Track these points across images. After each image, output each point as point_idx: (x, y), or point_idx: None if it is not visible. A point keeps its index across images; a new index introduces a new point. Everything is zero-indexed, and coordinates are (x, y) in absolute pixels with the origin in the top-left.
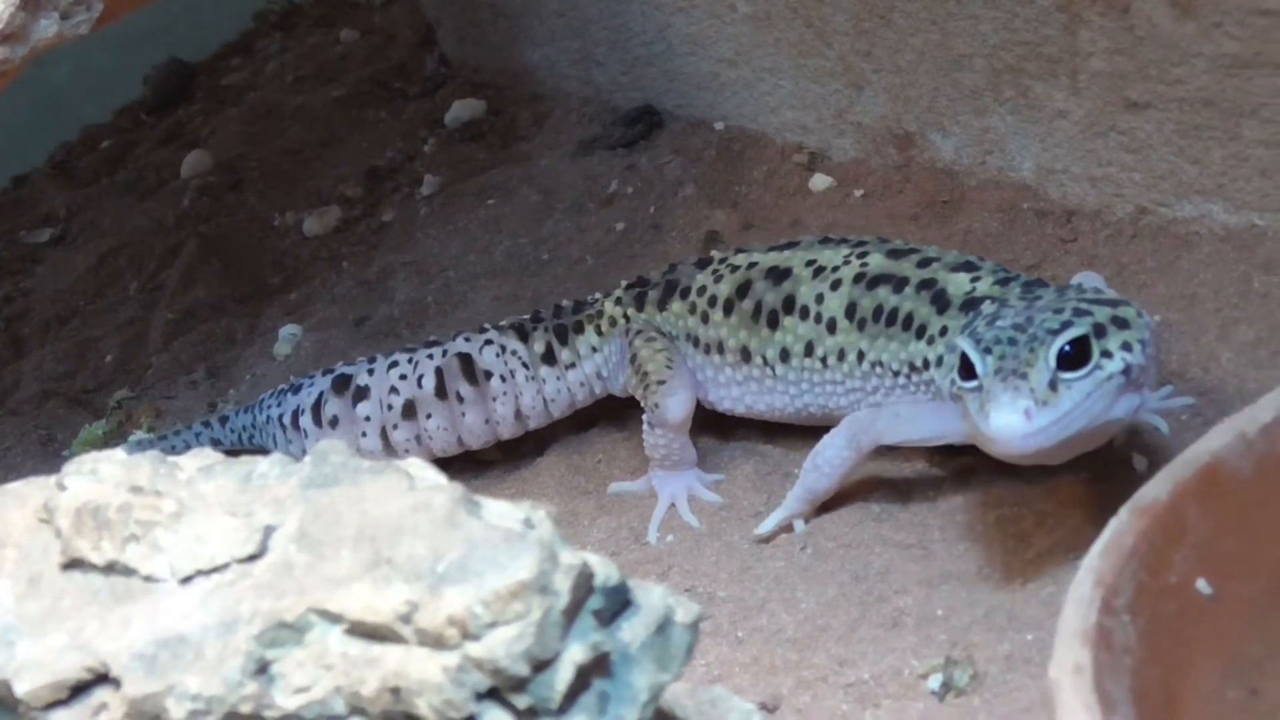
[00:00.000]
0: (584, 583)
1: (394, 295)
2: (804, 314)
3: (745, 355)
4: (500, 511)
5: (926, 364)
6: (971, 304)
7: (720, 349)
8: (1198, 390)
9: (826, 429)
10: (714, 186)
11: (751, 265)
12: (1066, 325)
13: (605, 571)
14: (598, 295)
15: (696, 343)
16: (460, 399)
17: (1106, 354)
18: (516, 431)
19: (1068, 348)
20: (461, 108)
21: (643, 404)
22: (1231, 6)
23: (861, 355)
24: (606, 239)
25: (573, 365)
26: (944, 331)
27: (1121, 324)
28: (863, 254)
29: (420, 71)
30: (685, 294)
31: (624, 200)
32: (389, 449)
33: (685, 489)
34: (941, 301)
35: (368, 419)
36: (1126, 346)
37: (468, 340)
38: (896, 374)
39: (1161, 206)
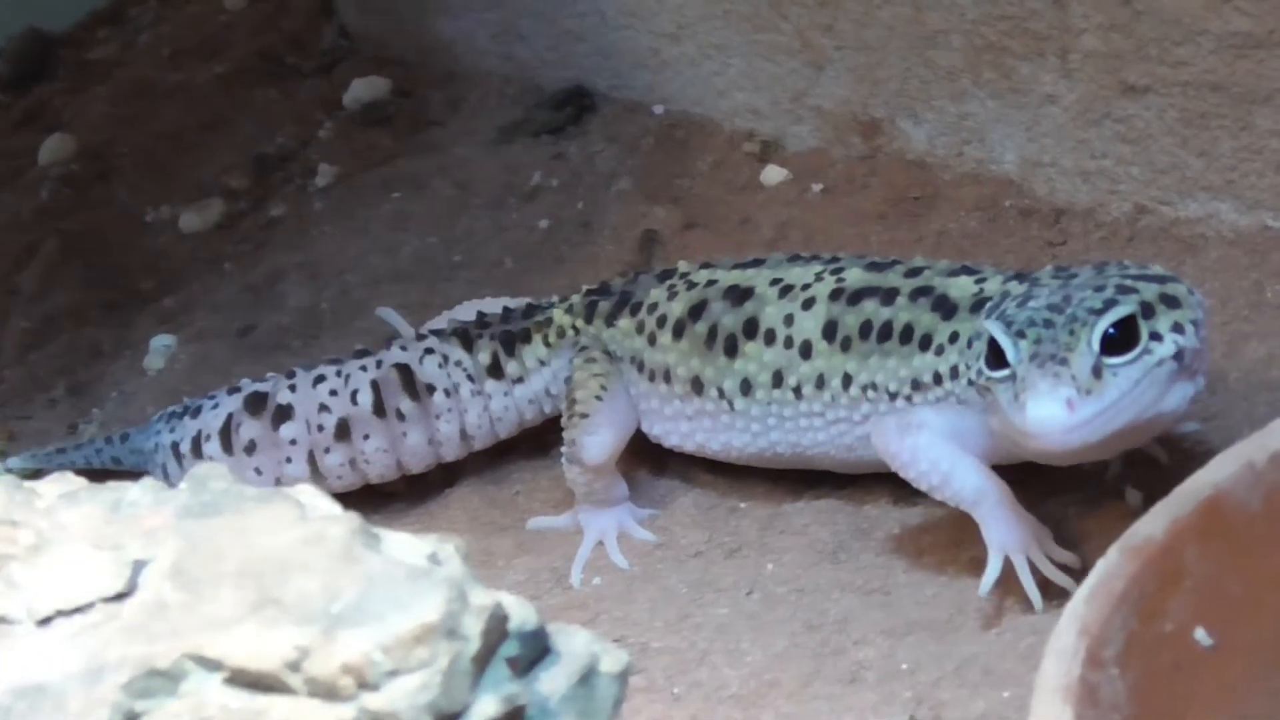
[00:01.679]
0: (497, 626)
1: (284, 302)
2: (770, 338)
3: (697, 386)
4: (403, 545)
5: (938, 378)
6: (982, 304)
7: (668, 377)
8: (1202, 415)
9: (792, 473)
10: (652, 180)
11: (710, 283)
12: (1110, 304)
13: (522, 614)
14: (554, 299)
15: (641, 367)
16: (401, 416)
17: (1156, 336)
18: (461, 453)
19: (1112, 329)
20: (363, 87)
21: (563, 434)
22: None
23: (849, 379)
24: (529, 239)
25: (520, 380)
26: (954, 338)
27: (1172, 302)
28: (838, 269)
29: (317, 45)
30: (636, 310)
31: (549, 195)
32: (318, 476)
33: (615, 526)
34: (946, 307)
35: (294, 442)
36: (1178, 328)
37: (405, 349)
38: (895, 396)
39: (1163, 205)
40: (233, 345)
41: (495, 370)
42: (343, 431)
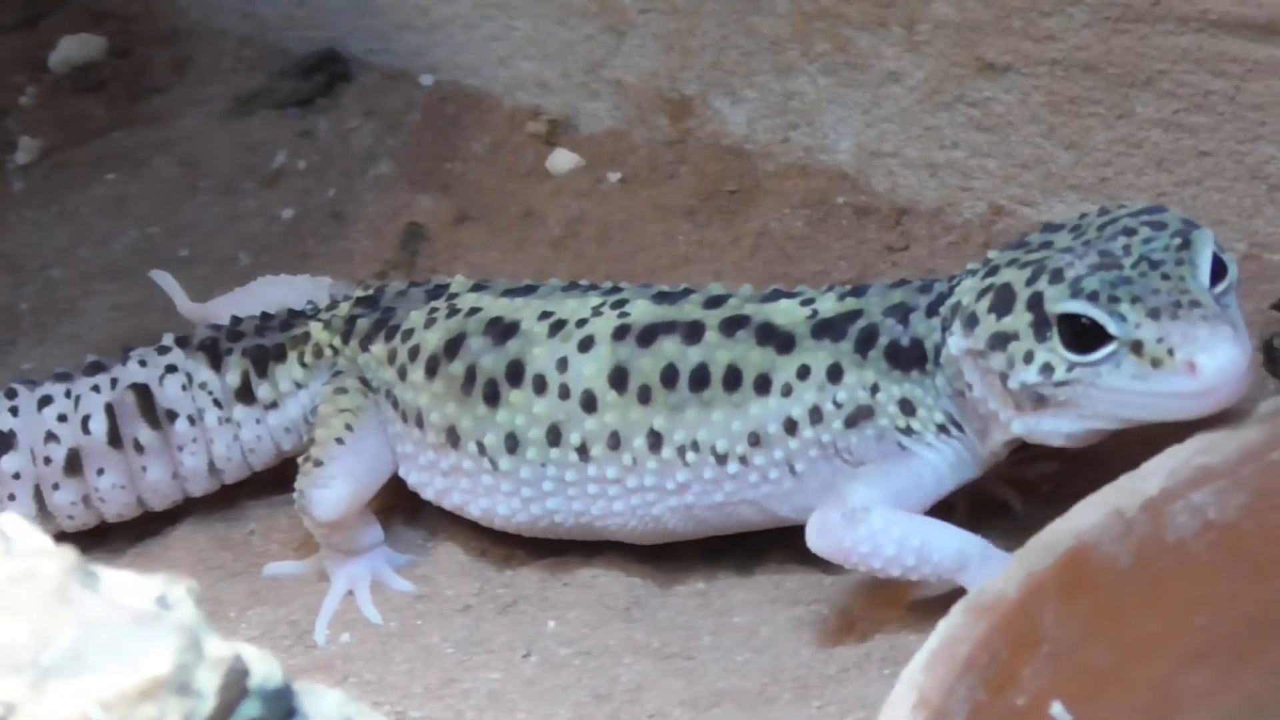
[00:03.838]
0: (236, 682)
1: None
2: (540, 386)
3: (452, 438)
4: (126, 586)
5: (792, 426)
6: (827, 327)
7: (420, 421)
8: (1050, 454)
9: (579, 544)
10: (418, 163)
11: (473, 312)
12: (1182, 235)
13: (265, 669)
14: (316, 303)
15: (396, 404)
16: (140, 448)
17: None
18: (210, 487)
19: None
20: (73, 46)
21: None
22: None
23: (658, 439)
24: (269, 230)
25: (274, 405)
26: (805, 373)
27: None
28: (620, 302)
29: None
30: (391, 334)
31: (294, 178)
32: (45, 516)
33: (367, 574)
34: (778, 338)
35: (17, 476)
36: (1221, 250)
37: (143, 365)
38: (724, 458)
39: (1023, 205)
40: None
41: (245, 394)
42: (74, 465)
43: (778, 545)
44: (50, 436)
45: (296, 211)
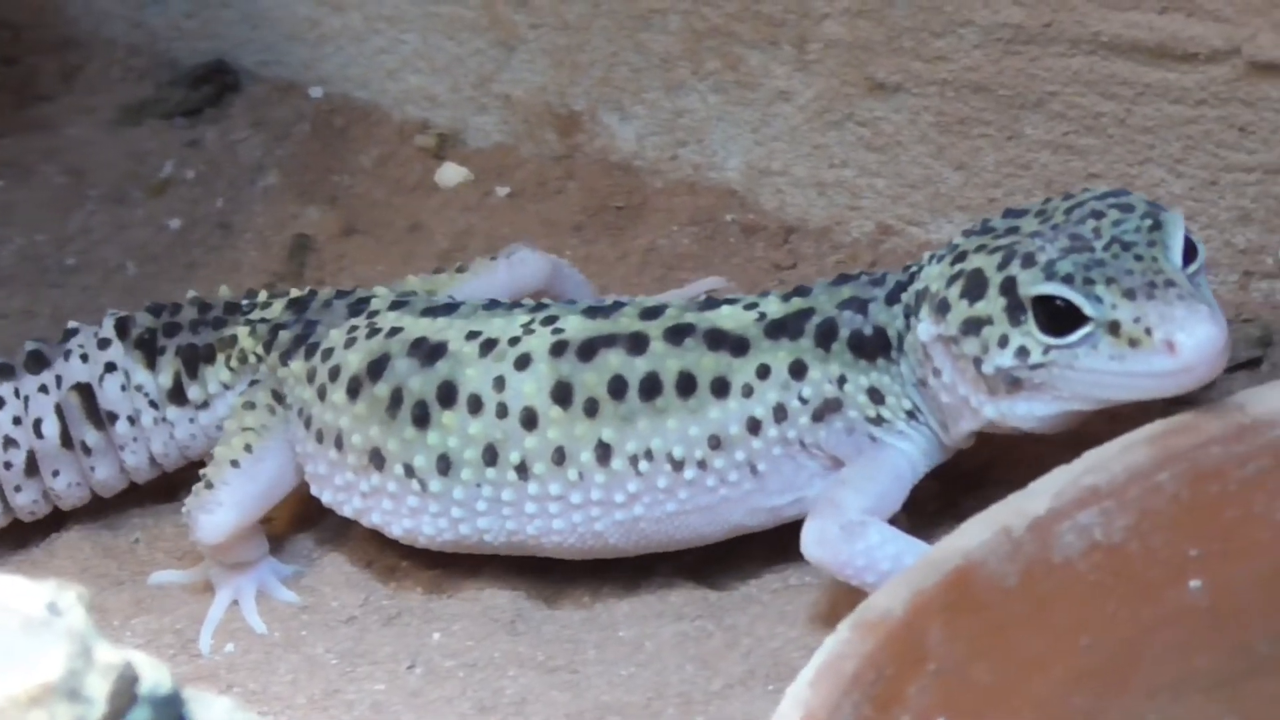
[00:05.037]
0: (126, 689)
1: None
2: (475, 406)
3: (377, 460)
4: (15, 591)
5: (756, 426)
6: (781, 328)
7: (339, 443)
8: (948, 470)
9: (465, 557)
10: (306, 174)
11: (395, 331)
12: (1152, 217)
13: (155, 676)
14: (254, 300)
15: (309, 424)
16: (87, 450)
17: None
18: (154, 475)
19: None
20: None
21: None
22: None
23: (607, 451)
24: (157, 240)
25: (205, 405)
26: (766, 372)
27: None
28: (550, 319)
29: None
30: (312, 351)
31: (182, 188)
32: (9, 512)
33: (253, 584)
34: (730, 342)
35: None
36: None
37: (85, 360)
38: (681, 464)
39: (911, 225)
40: None
41: (178, 395)
42: (32, 467)
43: (663, 559)
44: (9, 442)
45: (184, 221)
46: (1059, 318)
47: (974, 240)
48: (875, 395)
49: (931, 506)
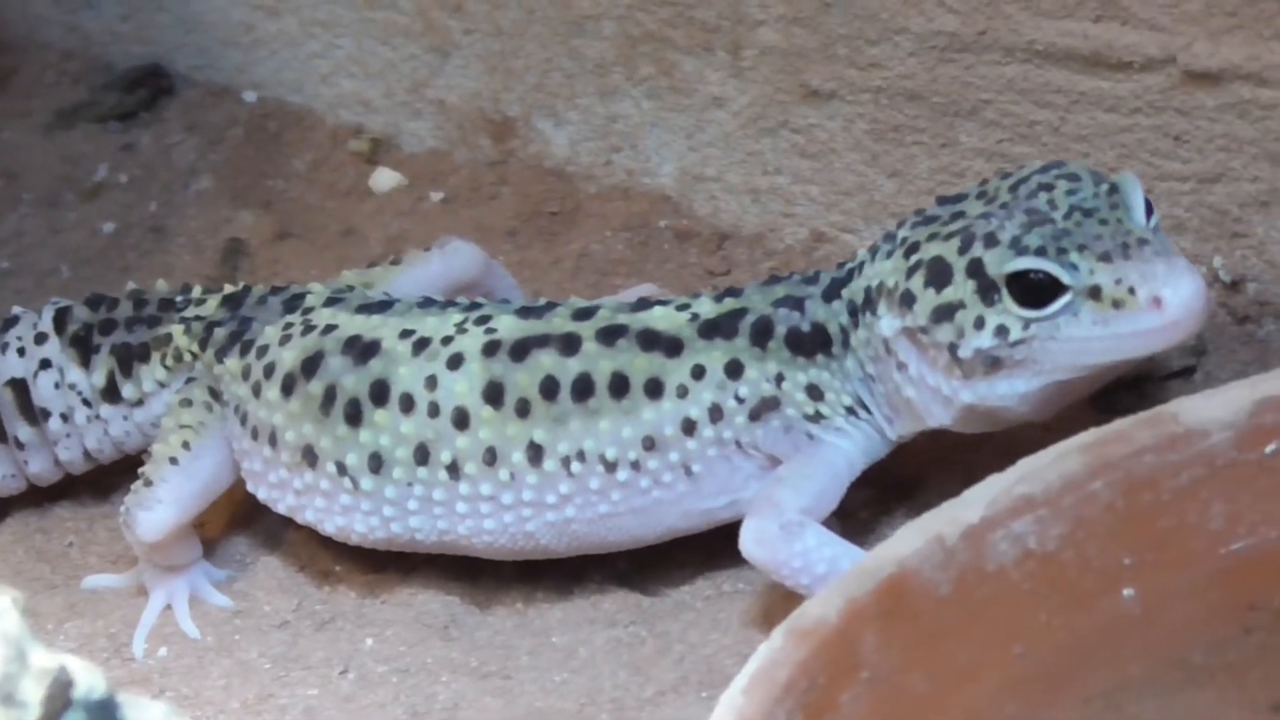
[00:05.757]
0: (60, 693)
1: None
2: (407, 405)
3: (310, 457)
4: None
5: (691, 427)
6: (714, 328)
7: (273, 440)
8: (879, 480)
9: (398, 561)
10: (240, 179)
11: (329, 329)
12: (1108, 182)
13: (89, 681)
14: (189, 295)
15: (245, 420)
16: (20, 445)
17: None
18: (90, 468)
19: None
20: None
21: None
22: None
23: (539, 451)
24: (90, 244)
25: (139, 403)
26: (700, 373)
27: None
28: (484, 319)
29: None
30: (247, 348)
31: (116, 192)
32: None
33: (186, 588)
34: (664, 342)
35: None
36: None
37: (21, 352)
38: (614, 465)
39: (845, 232)
40: None
41: (111, 393)
42: None
43: (596, 565)
44: None
45: (117, 225)
46: (1035, 291)
47: (921, 230)
48: (814, 392)
49: (865, 514)
